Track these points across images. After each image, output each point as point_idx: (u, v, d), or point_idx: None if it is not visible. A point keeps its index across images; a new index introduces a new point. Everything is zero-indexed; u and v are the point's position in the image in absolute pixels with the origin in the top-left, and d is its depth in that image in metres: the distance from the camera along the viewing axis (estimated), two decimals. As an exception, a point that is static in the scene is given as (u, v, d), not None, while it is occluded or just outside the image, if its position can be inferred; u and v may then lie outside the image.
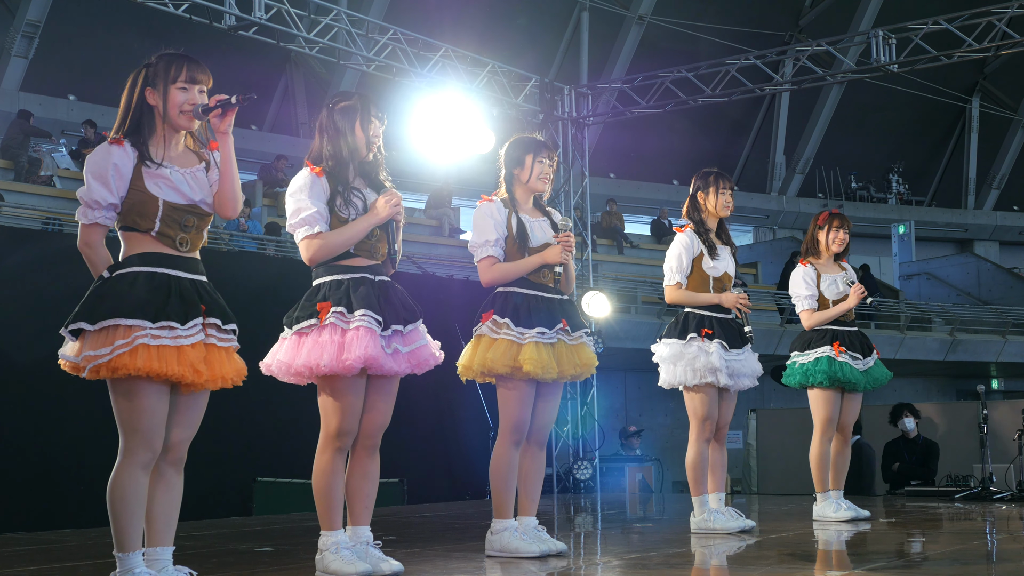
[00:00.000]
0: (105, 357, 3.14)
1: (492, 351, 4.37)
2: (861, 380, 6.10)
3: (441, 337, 4.04)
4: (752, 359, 5.52)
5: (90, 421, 7.50)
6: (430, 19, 17.02)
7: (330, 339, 3.71)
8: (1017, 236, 26.95)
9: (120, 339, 3.15)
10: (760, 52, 11.99)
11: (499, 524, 4.46)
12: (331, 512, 3.82)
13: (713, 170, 5.56)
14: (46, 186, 12.86)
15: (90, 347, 3.17)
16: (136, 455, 3.20)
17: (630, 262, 18.21)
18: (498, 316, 4.41)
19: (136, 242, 3.33)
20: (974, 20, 10.76)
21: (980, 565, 4.23)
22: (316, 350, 3.71)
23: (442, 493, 9.41)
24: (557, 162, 4.78)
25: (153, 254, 3.29)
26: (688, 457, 5.44)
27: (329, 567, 3.77)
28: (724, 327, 5.41)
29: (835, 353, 6.04)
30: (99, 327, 3.17)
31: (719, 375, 5.31)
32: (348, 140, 3.93)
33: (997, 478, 8.07)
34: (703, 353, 5.32)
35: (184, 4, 9.14)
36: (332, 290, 3.79)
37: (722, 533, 5.29)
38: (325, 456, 3.82)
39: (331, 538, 3.83)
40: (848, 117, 24.19)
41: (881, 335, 18.37)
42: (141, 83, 3.39)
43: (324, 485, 3.82)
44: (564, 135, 12.25)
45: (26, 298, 7.37)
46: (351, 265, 3.84)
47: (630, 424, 14.25)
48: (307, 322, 3.76)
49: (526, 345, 4.36)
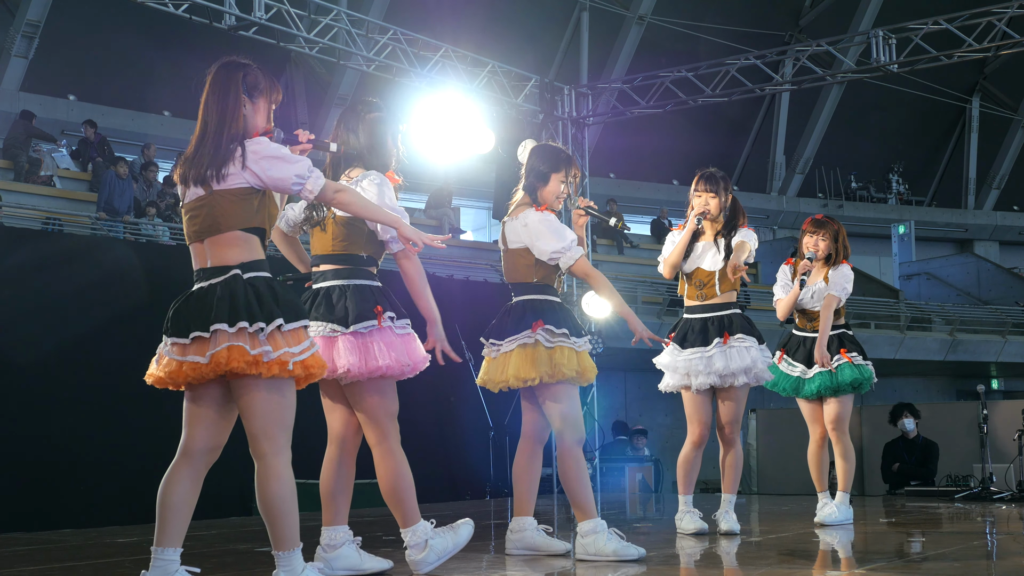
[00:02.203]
0: (299, 356, 3.18)
1: (559, 356, 4.36)
2: (789, 389, 6.08)
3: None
4: (721, 357, 5.36)
5: (90, 421, 7.52)
6: (430, 19, 17.01)
7: (400, 339, 3.86)
8: (1017, 236, 26.95)
9: (305, 339, 3.23)
10: (760, 52, 12.00)
11: (588, 525, 4.43)
12: (412, 506, 3.92)
13: (704, 171, 5.55)
14: (46, 186, 12.85)
15: (285, 344, 3.17)
16: (287, 452, 3.22)
17: (630, 262, 18.22)
18: (553, 327, 4.39)
19: (255, 246, 3.28)
20: (974, 20, 10.77)
21: (980, 565, 4.23)
22: (409, 348, 3.86)
23: (442, 493, 9.41)
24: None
25: (263, 261, 3.31)
26: (679, 456, 5.59)
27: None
28: (688, 326, 5.46)
29: (778, 361, 6.10)
30: (292, 327, 3.20)
31: (688, 378, 5.41)
32: (382, 151, 4.04)
33: (997, 478, 8.07)
34: (665, 356, 5.51)
35: (184, 4, 9.14)
36: (378, 295, 3.89)
37: (682, 533, 5.41)
38: (399, 453, 3.96)
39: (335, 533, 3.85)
40: (848, 117, 24.19)
41: (881, 335, 18.38)
42: (240, 88, 3.32)
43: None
44: (564, 135, 12.26)
45: (26, 298, 7.37)
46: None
47: (630, 424, 14.25)
48: (368, 322, 3.82)
49: (581, 352, 4.44)
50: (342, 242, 3.88)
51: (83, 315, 7.39)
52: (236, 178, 3.22)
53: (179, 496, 3.21)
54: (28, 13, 16.08)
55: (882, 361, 18.36)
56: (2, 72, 16.32)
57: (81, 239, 9.44)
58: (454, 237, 16.16)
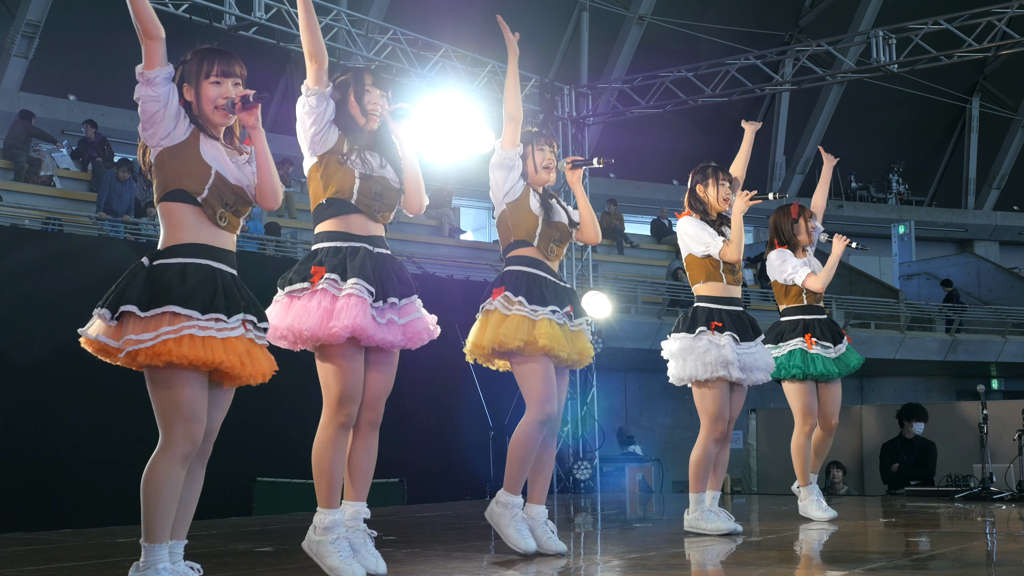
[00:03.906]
0: (148, 343, 3.11)
1: (505, 326, 4.38)
2: (834, 371, 6.13)
3: (441, 337, 4.03)
4: (764, 352, 5.41)
5: (90, 421, 7.52)
6: (430, 19, 17.01)
7: (318, 305, 3.70)
8: (1017, 236, 26.95)
9: (166, 326, 3.13)
10: (760, 52, 12.00)
11: (507, 497, 4.43)
12: (332, 489, 3.77)
13: (710, 164, 5.55)
14: (46, 186, 12.85)
15: (133, 331, 3.14)
16: (176, 447, 3.17)
17: (630, 262, 18.22)
18: (511, 293, 4.42)
19: (178, 221, 3.29)
20: (974, 20, 10.77)
21: (980, 565, 4.23)
22: (303, 314, 3.70)
23: (442, 493, 9.41)
24: (559, 152, 4.80)
25: (195, 245, 3.27)
26: (694, 454, 5.33)
27: (325, 560, 3.73)
28: (735, 319, 5.32)
29: (808, 345, 6.06)
30: (151, 314, 3.15)
31: (731, 368, 5.19)
32: (346, 111, 3.94)
33: (997, 478, 8.07)
34: (714, 347, 5.20)
35: (184, 4, 9.15)
36: (329, 256, 3.78)
37: (712, 534, 5.23)
38: (328, 431, 3.77)
39: (328, 517, 3.76)
40: (848, 117, 24.19)
41: (881, 335, 18.38)
42: (178, 80, 3.36)
43: (328, 460, 3.75)
44: (564, 135, 12.26)
45: (26, 298, 7.38)
46: (351, 233, 3.84)
47: (630, 424, 14.26)
48: (299, 285, 3.75)
49: (540, 321, 4.38)
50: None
51: (83, 315, 7.36)
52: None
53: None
54: (28, 13, 16.08)
55: (882, 361, 18.39)
56: (2, 72, 16.32)
57: (81, 239, 9.45)
58: (454, 237, 16.16)
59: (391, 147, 4.02)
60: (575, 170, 4.79)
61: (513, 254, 4.56)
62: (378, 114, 3.96)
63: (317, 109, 3.84)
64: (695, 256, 5.38)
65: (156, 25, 3.29)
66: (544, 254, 4.55)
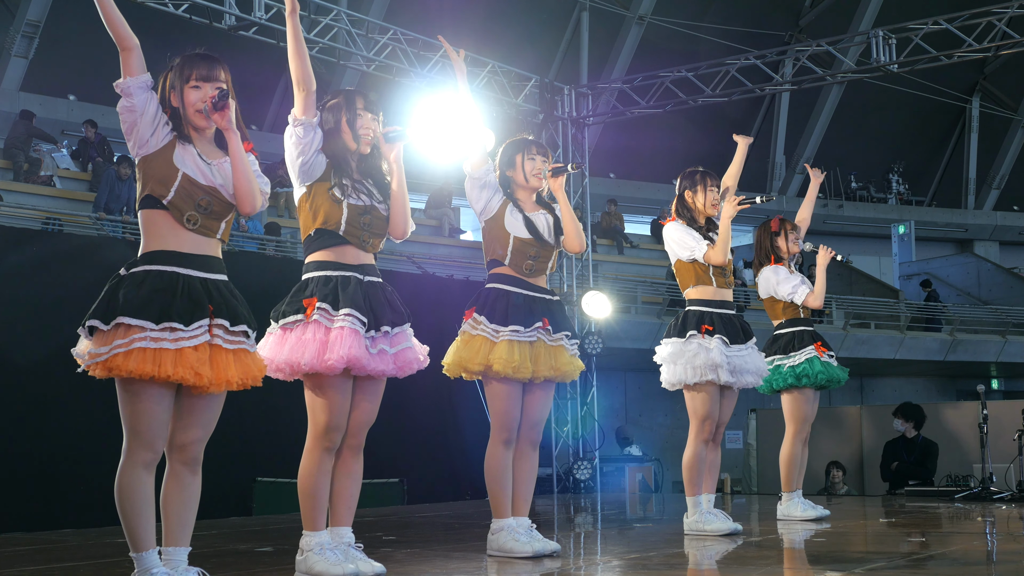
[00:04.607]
0: (102, 356, 3.16)
1: (467, 348, 4.44)
2: (845, 378, 6.23)
3: (441, 337, 4.05)
4: (755, 356, 5.43)
5: (90, 421, 7.51)
6: (430, 19, 17.00)
7: (313, 337, 3.72)
8: (1017, 236, 26.95)
9: (119, 339, 3.15)
10: (760, 52, 11.99)
11: (496, 524, 4.49)
12: (316, 512, 3.82)
13: (698, 168, 5.58)
14: (46, 186, 12.85)
15: (95, 345, 3.20)
16: (136, 455, 3.23)
17: (630, 262, 18.22)
18: (477, 313, 4.46)
19: (152, 229, 3.32)
20: (974, 20, 10.76)
21: (980, 565, 4.23)
22: (299, 347, 3.72)
23: (442, 493, 9.41)
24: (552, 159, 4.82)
25: (166, 252, 3.28)
26: (685, 457, 5.38)
27: (314, 568, 3.76)
28: (726, 322, 5.34)
29: (819, 354, 6.11)
30: (109, 327, 3.18)
31: (720, 372, 5.22)
32: (338, 136, 3.94)
33: (997, 478, 8.07)
34: (703, 350, 5.24)
35: (184, 4, 9.14)
36: (319, 286, 3.80)
37: (713, 535, 5.25)
38: (313, 455, 3.82)
39: (314, 539, 3.82)
40: (848, 117, 24.18)
41: (881, 335, 18.37)
42: (167, 86, 3.39)
43: (311, 485, 3.82)
44: (564, 135, 12.25)
45: (26, 298, 7.37)
46: (341, 262, 3.85)
47: (629, 424, 14.26)
48: (293, 317, 3.78)
49: (499, 343, 4.40)
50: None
51: (83, 315, 7.38)
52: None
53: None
54: (28, 13, 16.08)
55: (882, 361, 18.40)
56: (2, 72, 16.32)
57: (81, 239, 9.44)
58: (454, 237, 16.16)
59: (380, 173, 4.02)
60: (556, 178, 4.78)
61: (491, 272, 4.62)
62: (370, 138, 3.96)
63: (304, 139, 3.84)
64: (683, 261, 5.42)
65: (129, 35, 3.32)
66: (519, 271, 4.55)
